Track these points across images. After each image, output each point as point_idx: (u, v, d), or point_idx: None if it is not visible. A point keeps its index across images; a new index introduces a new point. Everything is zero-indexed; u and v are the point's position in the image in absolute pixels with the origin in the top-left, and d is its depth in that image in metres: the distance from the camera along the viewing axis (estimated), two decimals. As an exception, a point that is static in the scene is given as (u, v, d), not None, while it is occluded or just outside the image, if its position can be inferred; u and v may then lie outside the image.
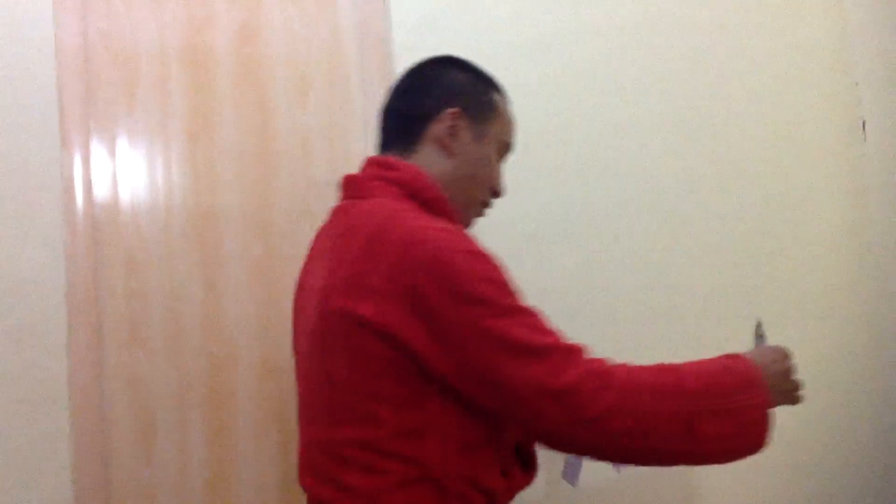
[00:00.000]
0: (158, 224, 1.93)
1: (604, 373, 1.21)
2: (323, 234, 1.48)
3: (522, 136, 1.73)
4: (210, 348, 1.94)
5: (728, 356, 1.31)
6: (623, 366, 1.24)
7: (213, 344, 1.95)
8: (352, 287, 1.27)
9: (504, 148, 1.53)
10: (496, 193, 1.52)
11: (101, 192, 1.89)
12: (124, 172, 1.92)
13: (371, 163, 1.47)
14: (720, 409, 1.23)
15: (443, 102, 1.46)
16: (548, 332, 1.25)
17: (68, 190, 1.84)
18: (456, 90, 1.47)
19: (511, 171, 1.68)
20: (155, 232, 1.93)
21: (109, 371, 1.85)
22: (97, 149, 1.90)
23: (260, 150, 2.02)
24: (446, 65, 1.51)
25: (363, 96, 2.10)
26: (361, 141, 2.08)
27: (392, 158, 1.45)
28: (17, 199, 1.79)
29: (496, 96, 1.51)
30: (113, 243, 1.88)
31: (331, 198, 2.03)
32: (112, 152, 1.91)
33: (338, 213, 1.45)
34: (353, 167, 1.59)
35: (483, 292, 1.23)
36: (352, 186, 1.46)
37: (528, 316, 1.25)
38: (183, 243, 1.94)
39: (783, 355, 1.34)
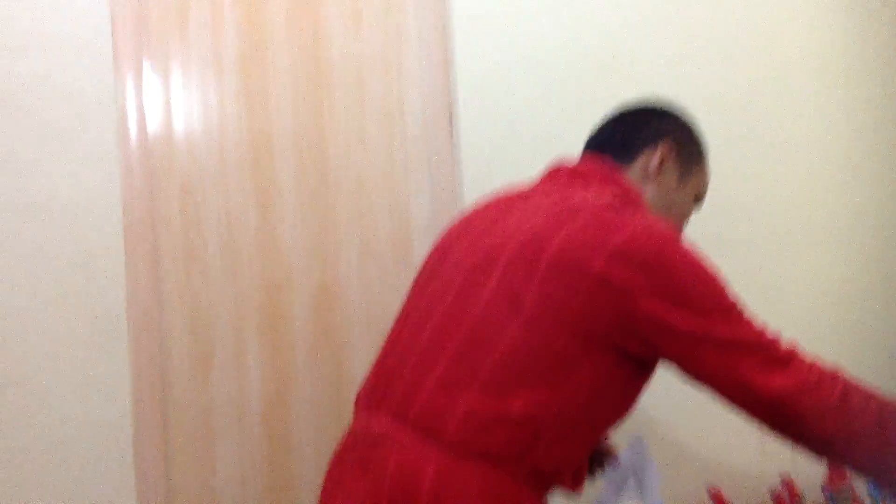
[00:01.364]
0: (212, 151, 1.96)
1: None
2: (528, 194, 1.54)
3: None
4: (265, 273, 1.97)
5: None
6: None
7: (269, 269, 1.98)
8: (584, 243, 1.34)
9: (699, 197, 1.63)
10: None
11: (154, 120, 1.92)
12: (178, 100, 1.94)
13: (591, 159, 1.57)
14: None
15: (662, 135, 1.57)
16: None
17: (122, 119, 1.87)
18: (676, 131, 1.60)
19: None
20: (209, 159, 1.95)
21: (166, 297, 1.90)
22: (150, 77, 1.93)
23: (314, 77, 2.02)
24: (674, 109, 1.65)
25: (417, 23, 2.07)
26: (416, 68, 2.07)
27: (612, 163, 1.56)
28: (73, 130, 1.83)
29: (704, 150, 1.64)
30: (167, 171, 1.92)
31: (383, 124, 2.04)
32: (165, 81, 1.94)
33: (559, 188, 1.52)
34: (406, 95, 1.60)
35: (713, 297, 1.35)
36: (575, 172, 1.55)
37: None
38: (237, 170, 1.97)
39: None
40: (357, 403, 1.54)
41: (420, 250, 2.05)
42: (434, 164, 2.06)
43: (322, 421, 1.97)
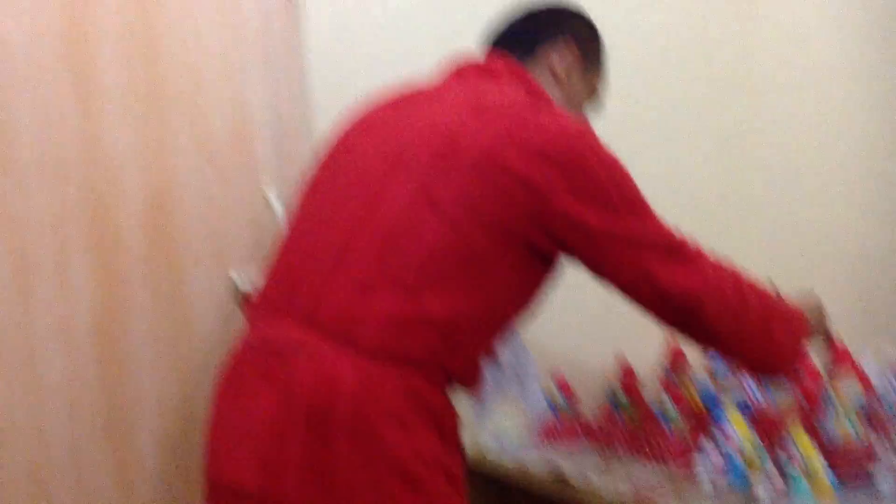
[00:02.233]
0: (22, 45, 1.71)
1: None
2: (432, 89, 1.50)
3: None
4: (90, 183, 1.77)
5: (801, 301, 1.55)
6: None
7: (94, 178, 1.78)
8: (505, 142, 1.31)
9: (598, 99, 1.63)
10: None
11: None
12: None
13: (495, 54, 1.54)
14: (790, 323, 1.48)
15: (564, 34, 1.56)
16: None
17: None
18: (581, 33, 1.59)
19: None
20: (18, 55, 1.70)
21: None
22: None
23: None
24: (573, 8, 1.62)
25: None
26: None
27: (518, 62, 1.52)
28: None
29: (603, 51, 1.63)
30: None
31: (218, 17, 1.86)
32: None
33: (469, 83, 1.47)
34: None
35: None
36: (480, 68, 1.51)
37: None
38: (53, 68, 1.74)
39: (821, 309, 1.59)
40: (252, 310, 1.45)
41: (261, 149, 1.91)
42: (275, 60, 1.92)
43: (161, 340, 1.83)
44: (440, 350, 1.31)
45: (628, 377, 1.93)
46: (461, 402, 1.40)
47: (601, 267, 1.37)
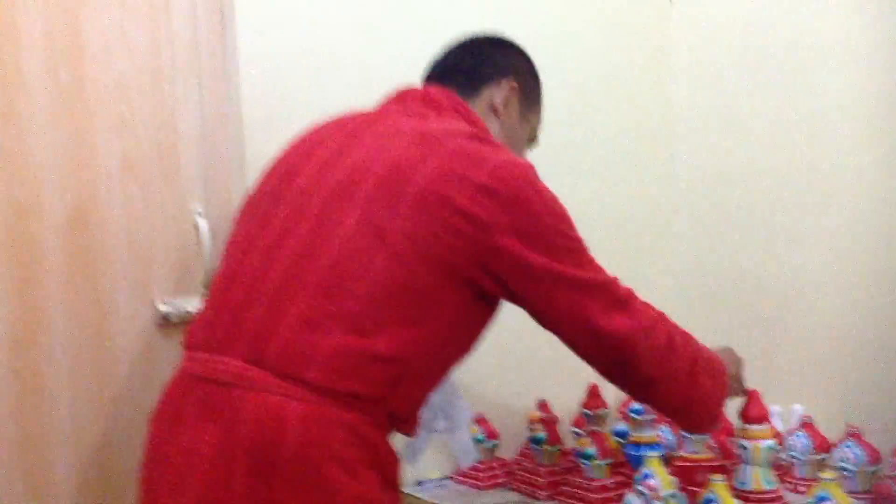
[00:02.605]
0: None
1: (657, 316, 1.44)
2: (375, 118, 1.47)
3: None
4: (9, 193, 1.68)
5: (719, 352, 1.59)
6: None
7: (12, 188, 1.69)
8: (450, 177, 1.31)
9: (533, 139, 1.67)
10: None
11: None
12: None
13: (438, 89, 1.53)
14: (713, 372, 1.51)
15: (506, 73, 1.58)
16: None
17: None
18: (520, 69, 1.61)
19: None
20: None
21: None
22: None
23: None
24: (515, 46, 1.65)
25: None
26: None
27: (458, 97, 1.51)
28: None
29: (541, 92, 1.66)
30: None
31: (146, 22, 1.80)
32: None
33: (406, 114, 1.46)
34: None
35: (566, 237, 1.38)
36: (424, 100, 1.51)
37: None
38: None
39: (739, 362, 1.65)
40: (190, 342, 1.39)
41: (187, 164, 1.84)
42: (205, 68, 1.86)
43: (79, 363, 1.74)
44: (385, 389, 1.29)
45: (549, 420, 1.94)
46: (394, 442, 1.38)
47: (540, 308, 1.38)
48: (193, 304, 1.80)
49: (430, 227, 1.30)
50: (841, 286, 2.04)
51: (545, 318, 1.39)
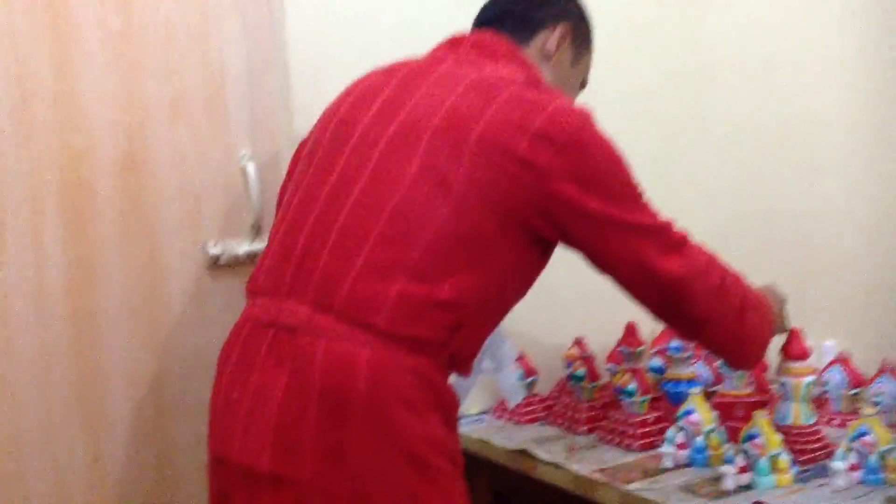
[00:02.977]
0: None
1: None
2: (430, 66, 1.48)
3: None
4: (64, 138, 1.71)
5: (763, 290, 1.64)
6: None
7: (68, 133, 1.71)
8: (509, 125, 1.33)
9: (584, 83, 1.69)
10: None
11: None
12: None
13: (492, 34, 1.53)
14: (761, 312, 1.57)
15: (560, 18, 1.59)
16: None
17: None
18: (572, 13, 1.62)
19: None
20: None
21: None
22: None
23: None
24: None
25: None
26: None
27: (512, 41, 1.53)
28: None
29: (592, 37, 1.67)
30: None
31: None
32: None
33: (460, 61, 1.47)
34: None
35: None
36: (477, 45, 1.51)
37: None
38: (26, 13, 1.65)
39: (783, 301, 1.72)
40: (254, 289, 1.43)
41: (235, 108, 1.87)
42: (250, 11, 1.87)
43: (133, 304, 1.79)
44: (447, 333, 1.33)
45: (586, 357, 1.98)
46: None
47: (597, 251, 1.42)
48: (243, 246, 1.85)
49: (489, 174, 1.33)
50: (875, 222, 2.08)
51: (601, 261, 1.43)
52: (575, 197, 1.35)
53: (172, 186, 1.81)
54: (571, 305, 2.10)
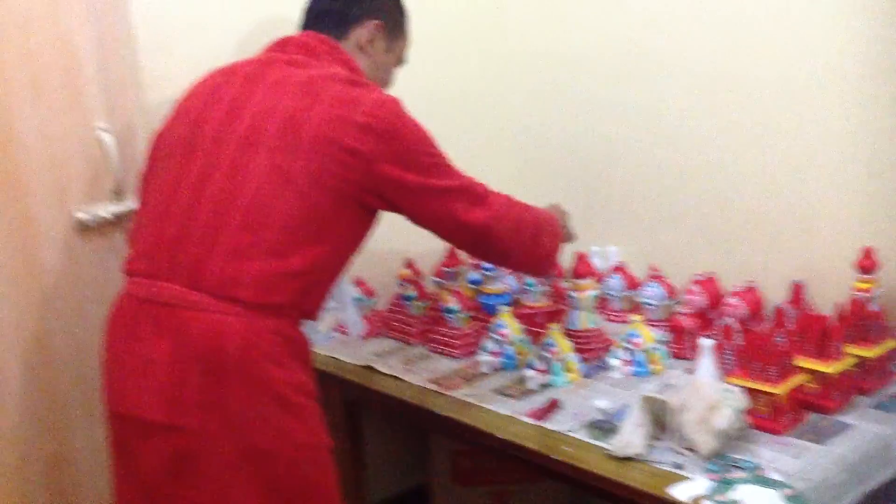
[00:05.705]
0: None
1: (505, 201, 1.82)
2: (264, 68, 1.73)
3: None
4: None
5: (550, 210, 1.97)
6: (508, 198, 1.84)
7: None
8: (335, 121, 1.62)
9: (401, 61, 1.98)
10: None
11: None
12: None
13: (314, 36, 1.81)
14: (550, 231, 1.92)
15: (371, 13, 1.87)
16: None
17: None
18: (383, 8, 1.90)
19: None
20: None
21: None
22: None
23: None
24: None
25: None
26: None
27: (332, 40, 1.80)
28: None
29: (406, 22, 1.96)
30: None
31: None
32: None
33: (290, 63, 1.73)
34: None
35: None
36: (303, 47, 1.78)
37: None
38: None
39: (566, 215, 2.07)
40: (132, 269, 1.69)
41: (89, 85, 2.03)
42: (99, 7, 2.02)
43: (10, 269, 1.97)
44: (301, 296, 1.64)
45: (416, 278, 2.34)
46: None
47: (418, 214, 1.75)
48: (107, 209, 2.06)
49: (324, 164, 1.62)
50: (650, 148, 2.47)
51: (422, 220, 1.76)
52: (396, 175, 1.66)
53: (39, 160, 1.97)
54: (403, 230, 2.43)
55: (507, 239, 1.81)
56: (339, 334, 2.36)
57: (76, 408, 2.08)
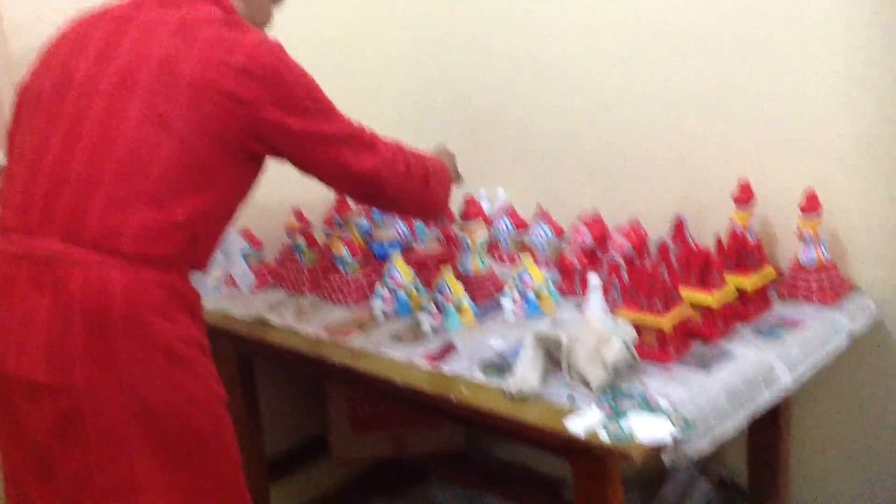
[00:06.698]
0: None
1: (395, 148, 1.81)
2: (134, 10, 1.65)
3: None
4: None
5: (438, 154, 2.03)
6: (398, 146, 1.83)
7: None
8: (213, 65, 1.56)
9: (277, 1, 1.87)
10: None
11: None
12: None
13: None
14: (440, 176, 1.93)
15: None
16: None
17: None
18: None
19: None
20: None
21: None
22: None
23: None
24: None
25: None
26: None
27: None
28: None
29: None
30: None
31: None
32: None
33: (161, 4, 1.64)
34: None
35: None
36: None
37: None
38: None
39: (453, 157, 2.12)
40: (3, 226, 1.61)
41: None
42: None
43: None
44: (186, 247, 1.60)
45: (305, 228, 2.30)
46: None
47: (304, 162, 1.72)
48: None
49: (204, 110, 1.57)
50: (534, 90, 2.49)
51: (308, 168, 1.73)
52: (279, 120, 1.62)
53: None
54: (289, 177, 2.38)
55: (397, 186, 1.80)
56: (227, 287, 2.32)
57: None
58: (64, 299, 1.52)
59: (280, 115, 1.62)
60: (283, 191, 2.24)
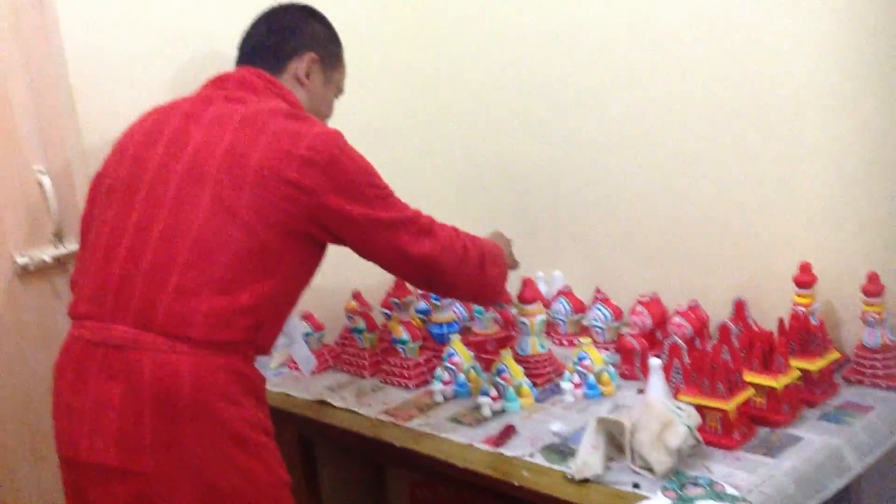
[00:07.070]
0: None
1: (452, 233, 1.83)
2: (203, 105, 1.72)
3: None
4: None
5: (494, 239, 2.04)
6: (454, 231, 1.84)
7: None
8: (278, 155, 1.62)
9: (340, 92, 2.00)
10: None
11: None
12: None
13: (251, 71, 1.81)
14: (496, 260, 1.93)
15: (305, 46, 1.87)
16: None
17: None
18: (319, 39, 1.91)
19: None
20: None
21: None
22: None
23: None
24: (312, 15, 1.94)
25: None
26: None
27: (269, 75, 1.80)
28: None
29: (342, 53, 1.98)
30: None
31: None
32: None
33: (229, 99, 1.73)
34: None
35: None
36: (241, 83, 1.78)
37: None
38: None
39: (509, 242, 2.11)
40: (78, 313, 1.67)
41: (24, 128, 2.01)
42: (31, 53, 2.01)
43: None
44: (251, 331, 1.63)
45: (364, 311, 2.33)
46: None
47: (363, 246, 1.75)
48: (47, 252, 2.02)
49: (268, 198, 1.61)
50: (590, 172, 2.51)
51: (367, 252, 1.76)
52: (340, 207, 1.66)
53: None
54: (348, 261, 2.43)
55: (454, 270, 1.82)
56: (289, 370, 2.34)
57: (21, 454, 2.03)
58: (135, 384, 1.55)
59: (340, 202, 1.66)
60: (344, 274, 2.28)
